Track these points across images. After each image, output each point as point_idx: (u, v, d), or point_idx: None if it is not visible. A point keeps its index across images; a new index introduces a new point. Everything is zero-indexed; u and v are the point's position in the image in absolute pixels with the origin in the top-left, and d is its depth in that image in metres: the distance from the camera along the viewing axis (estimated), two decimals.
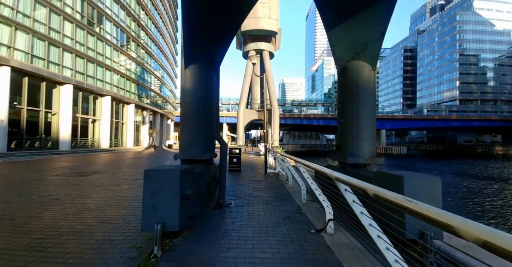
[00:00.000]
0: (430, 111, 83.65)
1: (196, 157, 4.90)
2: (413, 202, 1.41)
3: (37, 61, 21.20)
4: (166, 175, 3.15)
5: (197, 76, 4.90)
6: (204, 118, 4.94)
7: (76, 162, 14.78)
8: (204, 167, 4.81)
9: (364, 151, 5.18)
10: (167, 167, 3.56)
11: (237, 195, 6.49)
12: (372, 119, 5.29)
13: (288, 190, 7.29)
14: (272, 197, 6.26)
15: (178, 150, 5.23)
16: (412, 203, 1.40)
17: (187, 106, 4.94)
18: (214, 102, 5.40)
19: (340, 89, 5.81)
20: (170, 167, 3.48)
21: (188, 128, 4.93)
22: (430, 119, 62.77)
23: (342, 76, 5.73)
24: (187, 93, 4.92)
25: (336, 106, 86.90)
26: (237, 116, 25.14)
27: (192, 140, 4.91)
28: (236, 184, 8.20)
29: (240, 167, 11.28)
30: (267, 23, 23.26)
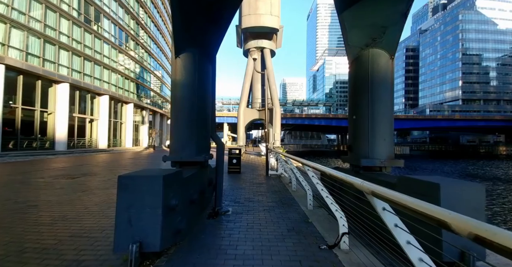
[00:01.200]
0: (433, 111, 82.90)
1: (188, 159, 4.29)
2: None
3: (32, 59, 20.66)
4: (145, 182, 2.54)
5: (189, 66, 4.28)
6: (197, 115, 4.32)
7: (69, 162, 14.20)
8: (197, 170, 4.20)
9: (380, 152, 4.55)
10: (147, 172, 2.93)
11: (236, 200, 5.88)
12: (389, 116, 4.66)
13: (291, 194, 6.67)
14: (274, 203, 5.65)
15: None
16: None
17: (178, 101, 4.33)
18: (209, 96, 4.77)
19: (352, 82, 5.16)
20: (151, 172, 2.85)
21: (179, 127, 4.32)
22: (434, 119, 61.94)
23: (355, 67, 5.07)
24: (178, 86, 4.31)
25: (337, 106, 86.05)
26: (237, 115, 24.49)
27: (183, 140, 4.29)
28: (235, 187, 7.58)
29: (240, 168, 10.67)
30: (268, 19, 22.60)
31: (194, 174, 3.83)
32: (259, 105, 25.82)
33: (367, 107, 4.58)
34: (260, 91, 26.43)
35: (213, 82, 5.05)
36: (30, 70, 20.23)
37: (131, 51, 34.49)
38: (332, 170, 3.14)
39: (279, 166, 9.94)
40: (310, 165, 3.46)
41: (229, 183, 8.20)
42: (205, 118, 4.59)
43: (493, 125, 65.68)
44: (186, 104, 4.25)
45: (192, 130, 4.28)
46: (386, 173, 4.66)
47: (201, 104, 4.42)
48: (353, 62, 5.01)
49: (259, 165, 14.90)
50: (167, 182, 2.65)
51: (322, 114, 64.05)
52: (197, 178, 4.02)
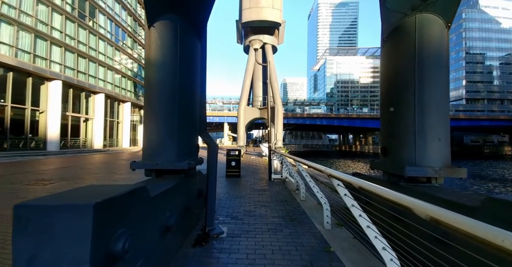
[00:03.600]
0: None
1: (166, 166, 3.22)
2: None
3: (23, 55, 19.62)
4: (61, 216, 1.45)
5: (168, 39, 3.19)
6: (180, 105, 3.23)
7: (56, 164, 13.14)
8: (179, 181, 3.10)
9: (433, 157, 3.42)
10: (74, 195, 1.77)
11: (233, 213, 4.79)
12: (445, 106, 3.54)
13: (300, 205, 5.58)
14: (281, 218, 4.55)
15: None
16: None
17: (152, 87, 3.24)
18: (196, 81, 3.66)
19: (386, 62, 4.00)
20: (78, 196, 1.71)
21: (155, 122, 3.24)
22: None
23: (392, 41, 3.91)
24: (152, 66, 3.22)
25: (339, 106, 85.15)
26: (237, 114, 23.38)
27: (160, 139, 3.22)
28: (233, 195, 6.50)
29: (240, 171, 9.58)
30: (270, 13, 21.43)
31: (172, 187, 2.74)
32: (260, 103, 24.67)
33: (413, 94, 3.43)
34: (261, 89, 25.29)
35: (203, 63, 3.92)
36: (20, 67, 19.21)
37: (129, 49, 33.45)
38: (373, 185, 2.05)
39: (284, 169, 8.85)
40: (341, 178, 2.32)
41: (226, 190, 7.12)
42: (191, 110, 3.48)
43: (498, 125, 64.54)
44: (164, 92, 3.15)
45: (172, 127, 3.18)
46: (437, 185, 3.53)
47: (186, 92, 3.31)
48: (390, 35, 3.82)
49: (261, 166, 13.82)
50: (106, 212, 1.56)
51: (323, 114, 62.89)
52: (177, 193, 2.93)
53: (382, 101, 4.18)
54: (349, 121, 60.81)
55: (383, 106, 4.04)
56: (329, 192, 7.54)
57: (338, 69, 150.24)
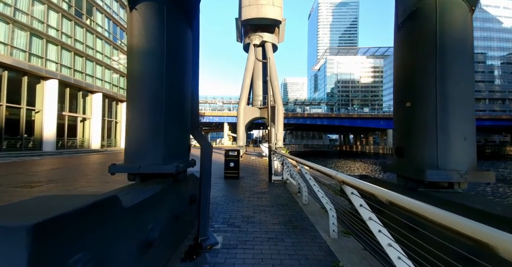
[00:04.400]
0: None
1: (151, 170, 2.80)
2: None
3: (18, 54, 19.23)
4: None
5: (153, 23, 2.78)
6: (168, 100, 2.84)
7: (50, 165, 12.74)
8: (166, 186, 2.70)
9: (458, 159, 3.00)
10: (9, 210, 1.36)
11: (229, 220, 4.39)
12: (471, 101, 3.13)
13: (303, 209, 5.18)
14: (282, 225, 4.15)
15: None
16: None
17: (135, 79, 2.83)
18: (187, 73, 3.25)
19: (401, 52, 3.55)
20: (13, 215, 1.29)
21: (138, 119, 2.84)
22: None
23: (409, 27, 3.46)
24: (135, 55, 2.81)
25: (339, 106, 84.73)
26: (237, 114, 22.95)
27: (144, 139, 2.82)
28: (231, 198, 6.10)
29: (239, 172, 9.17)
30: (270, 11, 21.00)
31: (156, 194, 2.34)
32: (260, 103, 24.22)
33: (434, 87, 3.01)
34: (261, 88, 24.85)
35: (195, 54, 3.50)
36: (15, 66, 18.82)
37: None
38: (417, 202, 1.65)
39: (285, 170, 8.44)
40: (353, 184, 1.90)
41: (224, 192, 6.72)
42: (182, 106, 3.06)
43: (499, 124, 64.08)
44: (149, 84, 2.75)
45: (158, 124, 2.78)
46: (460, 190, 3.10)
47: (175, 85, 2.90)
48: (407, 20, 3.37)
49: (261, 167, 13.42)
50: (54, 234, 1.16)
51: (324, 114, 62.44)
52: (163, 200, 2.52)
53: (396, 96, 3.75)
54: (350, 121, 60.35)
55: (398, 101, 3.61)
56: (332, 194, 7.14)
57: (338, 69, 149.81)
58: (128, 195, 2.15)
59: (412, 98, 3.28)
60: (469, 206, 2.36)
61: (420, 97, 3.19)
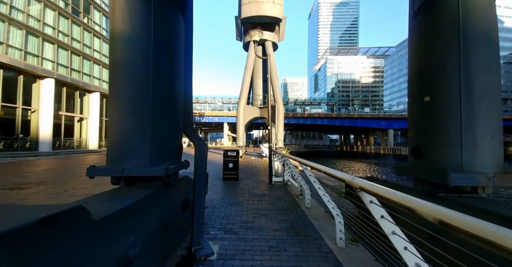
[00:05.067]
0: None
1: (136, 173, 2.44)
2: None
3: (13, 52, 18.90)
4: None
5: (137, 7, 2.41)
6: (155, 95, 2.51)
7: (44, 166, 12.41)
8: (153, 191, 2.35)
9: (486, 161, 2.65)
10: None
11: (227, 225, 4.05)
12: (498, 95, 2.79)
13: (305, 213, 4.84)
14: (284, 232, 3.81)
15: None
16: None
17: (118, 71, 2.52)
18: (178, 65, 2.89)
19: (420, 40, 3.19)
20: None
21: (121, 115, 2.51)
22: None
23: (428, 13, 3.11)
24: (117, 44, 2.45)
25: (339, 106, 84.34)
26: (236, 113, 22.60)
27: (129, 138, 2.49)
28: (229, 201, 5.76)
29: (238, 173, 8.82)
30: (270, 8, 20.63)
31: (140, 201, 2.00)
32: (260, 102, 23.86)
33: (457, 79, 2.66)
34: (261, 87, 24.48)
35: (188, 44, 3.14)
36: (11, 64, 18.48)
37: None
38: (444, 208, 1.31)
39: (286, 171, 8.10)
40: (375, 192, 1.55)
41: (222, 195, 6.38)
42: (172, 101, 2.74)
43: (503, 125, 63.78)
44: (134, 76, 2.40)
45: (145, 121, 2.46)
46: (485, 195, 2.76)
47: (163, 77, 2.58)
48: (424, 6, 3.00)
49: (261, 168, 13.08)
50: None
51: (324, 114, 62.11)
52: (149, 207, 2.18)
53: (411, 89, 3.39)
54: (350, 121, 60.04)
55: (414, 96, 3.24)
56: (336, 196, 6.81)
57: (339, 69, 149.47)
58: (104, 203, 1.81)
59: (432, 92, 2.93)
60: (501, 214, 2.02)
61: (441, 91, 2.84)
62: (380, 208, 1.62)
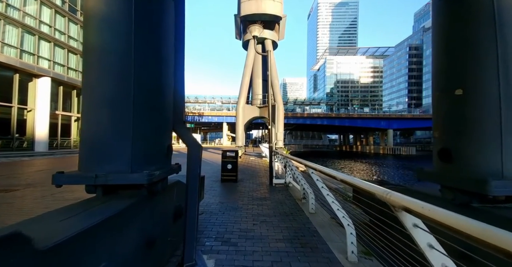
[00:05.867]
0: None
1: (113, 180, 2.04)
2: None
3: (8, 50, 18.51)
4: None
5: None
6: (137, 88, 2.13)
7: (37, 166, 12.02)
8: (134, 202, 1.98)
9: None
10: None
11: (224, 234, 3.69)
12: None
13: (310, 220, 4.48)
14: (288, 242, 3.45)
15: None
16: None
17: (93, 59, 2.14)
18: (165, 52, 2.49)
19: (448, 24, 2.80)
20: None
21: (96, 111, 2.12)
22: None
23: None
24: (91, 27, 2.07)
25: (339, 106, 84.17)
26: (236, 113, 22.22)
27: (103, 139, 2.11)
28: (227, 206, 5.40)
29: (237, 175, 8.46)
30: (270, 6, 20.24)
31: (112, 218, 1.63)
32: (259, 102, 23.47)
33: (494, 70, 2.30)
34: (260, 86, 24.09)
35: (180, 29, 2.76)
36: (6, 63, 18.11)
37: None
38: None
39: (288, 173, 7.74)
40: (423, 213, 1.19)
41: (220, 199, 6.02)
42: (158, 95, 2.36)
43: None
44: (111, 64, 2.07)
45: (124, 118, 2.09)
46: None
47: (147, 68, 2.22)
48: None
49: (260, 168, 12.72)
50: None
51: (324, 114, 61.80)
52: (126, 224, 1.81)
53: (438, 81, 2.98)
54: (350, 121, 59.74)
55: (441, 89, 2.85)
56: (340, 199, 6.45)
57: (338, 69, 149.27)
58: (64, 222, 1.45)
59: (464, 84, 2.55)
60: None
61: (475, 84, 2.47)
62: (427, 234, 1.26)
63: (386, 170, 28.42)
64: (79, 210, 1.70)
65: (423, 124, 61.63)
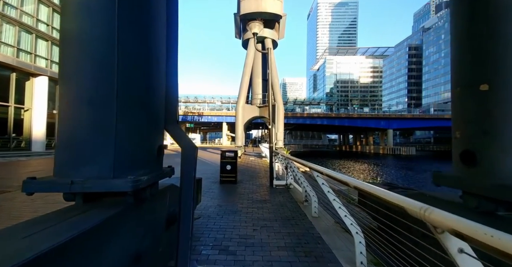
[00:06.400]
0: (437, 111, 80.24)
1: (91, 188, 1.76)
2: None
3: (5, 49, 18.25)
4: None
5: None
6: (121, 80, 1.86)
7: (32, 167, 11.78)
8: (120, 212, 1.73)
9: None
10: None
11: (222, 241, 3.45)
12: None
13: (313, 224, 4.25)
14: (290, 251, 3.21)
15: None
16: None
17: (71, 47, 1.86)
18: (156, 40, 2.23)
19: (472, 13, 2.55)
20: None
21: (73, 107, 1.84)
22: (441, 119, 59.37)
23: None
24: (69, 11, 1.81)
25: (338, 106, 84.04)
26: (235, 112, 21.98)
27: (81, 139, 1.83)
28: (226, 209, 5.15)
29: (236, 176, 8.22)
30: (270, 4, 20.00)
31: (89, 232, 1.39)
32: (259, 101, 23.23)
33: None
34: (260, 86, 23.84)
35: (172, 17, 2.50)
36: (3, 61, 17.86)
37: None
38: None
39: (289, 174, 7.50)
40: (477, 238, 0.96)
41: (218, 201, 5.77)
42: (147, 90, 2.09)
43: None
44: (92, 55, 1.81)
45: (107, 116, 1.83)
46: None
47: (133, 59, 1.96)
48: None
49: (260, 169, 12.49)
50: None
51: (324, 114, 61.62)
52: (107, 239, 1.57)
53: (459, 75, 2.70)
54: (350, 121, 59.58)
55: (463, 83, 2.57)
56: (345, 203, 6.21)
57: (337, 69, 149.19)
58: (24, 240, 1.20)
59: (491, 79, 2.30)
60: None
61: (504, 77, 2.22)
62: (476, 261, 1.02)
63: (387, 170, 28.19)
64: (52, 222, 1.46)
65: (423, 124, 61.50)
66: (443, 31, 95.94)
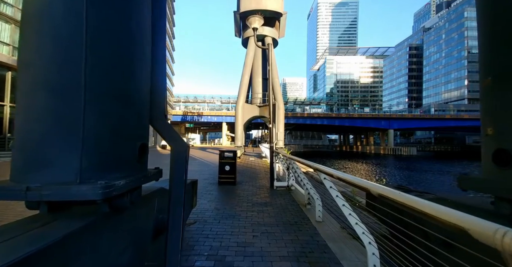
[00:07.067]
0: (438, 111, 79.90)
1: (51, 195, 1.38)
2: None
3: (1, 48, 17.95)
4: None
5: None
6: (91, 65, 1.51)
7: None
8: (91, 223, 1.41)
9: None
10: None
11: (218, 251, 3.12)
12: None
13: (318, 230, 3.92)
14: (294, 261, 2.88)
15: None
16: None
17: (28, 30, 1.53)
18: (133, 20, 1.82)
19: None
20: None
21: (31, 99, 1.50)
22: (441, 119, 59.10)
23: None
24: None
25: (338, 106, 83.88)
26: (235, 112, 21.66)
27: (41, 136, 1.46)
28: (224, 213, 4.83)
29: (235, 177, 7.89)
30: (271, 2, 19.66)
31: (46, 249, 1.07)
32: (259, 101, 22.91)
33: None
34: (260, 85, 23.52)
35: (160, 9, 2.17)
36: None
37: None
38: None
39: (290, 174, 7.17)
40: None
41: (216, 204, 5.45)
42: (126, 80, 1.76)
43: None
44: (54, 36, 1.47)
45: (73, 108, 1.48)
46: None
47: (108, 41, 1.63)
48: None
49: (260, 169, 12.16)
50: None
51: (324, 114, 61.28)
52: (73, 257, 1.25)
53: (488, 66, 2.42)
54: (350, 121, 59.28)
55: (496, 75, 2.30)
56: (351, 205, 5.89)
57: (338, 69, 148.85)
58: None
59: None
60: None
61: None
62: None
63: (390, 171, 27.86)
64: (7, 236, 1.15)
65: (424, 124, 61.19)
66: (443, 31, 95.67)
